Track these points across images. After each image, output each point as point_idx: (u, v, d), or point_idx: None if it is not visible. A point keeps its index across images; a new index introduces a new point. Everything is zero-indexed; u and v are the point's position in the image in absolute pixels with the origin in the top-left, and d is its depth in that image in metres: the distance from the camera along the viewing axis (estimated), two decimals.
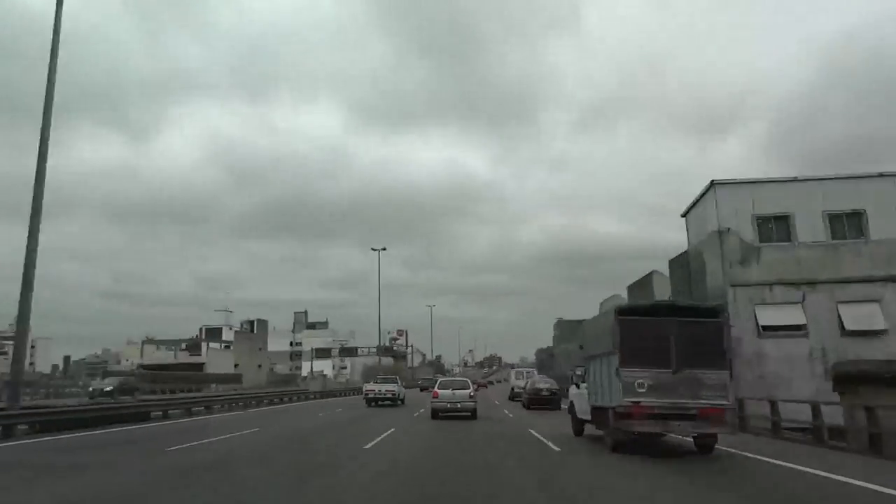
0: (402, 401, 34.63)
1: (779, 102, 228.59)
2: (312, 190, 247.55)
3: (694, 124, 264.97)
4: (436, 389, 22.39)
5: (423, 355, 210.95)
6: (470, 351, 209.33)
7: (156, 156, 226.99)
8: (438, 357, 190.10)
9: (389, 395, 33.44)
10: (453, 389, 22.10)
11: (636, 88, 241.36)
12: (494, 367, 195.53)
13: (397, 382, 36.06)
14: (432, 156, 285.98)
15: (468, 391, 22.06)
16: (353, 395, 51.96)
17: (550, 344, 77.09)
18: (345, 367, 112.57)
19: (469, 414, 21.55)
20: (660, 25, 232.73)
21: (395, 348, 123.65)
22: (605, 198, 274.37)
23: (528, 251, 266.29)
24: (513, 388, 42.17)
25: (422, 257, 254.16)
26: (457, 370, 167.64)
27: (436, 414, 21.60)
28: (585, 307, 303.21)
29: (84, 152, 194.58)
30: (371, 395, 33.44)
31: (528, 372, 45.93)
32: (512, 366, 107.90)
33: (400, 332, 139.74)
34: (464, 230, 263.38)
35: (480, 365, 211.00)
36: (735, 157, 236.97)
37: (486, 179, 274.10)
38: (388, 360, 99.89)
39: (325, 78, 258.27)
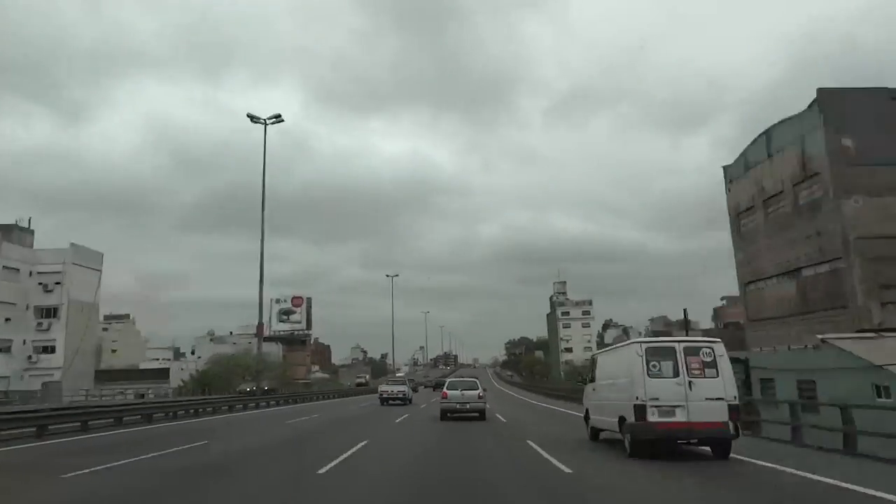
0: (411, 401, 38.06)
1: (750, 95, 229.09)
2: (266, 180, 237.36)
3: (667, 118, 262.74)
4: (445, 390, 22.45)
5: (364, 352, 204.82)
6: (420, 348, 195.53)
7: (94, 138, 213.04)
8: (384, 356, 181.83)
9: (400, 396, 36.96)
10: (462, 390, 21.94)
11: (612, 79, 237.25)
12: (450, 367, 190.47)
13: (406, 384, 40.81)
14: (396, 146, 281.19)
15: (477, 392, 21.89)
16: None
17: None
18: None
19: (477, 415, 21.50)
20: (641, 13, 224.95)
21: (293, 333, 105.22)
22: (570, 195, 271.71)
23: (488, 249, 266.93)
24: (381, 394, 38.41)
25: (379, 254, 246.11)
26: (404, 370, 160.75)
27: (444, 415, 21.55)
28: (542, 307, 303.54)
29: (14, 130, 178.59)
30: (385, 396, 37.19)
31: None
32: (472, 365, 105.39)
33: (297, 302, 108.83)
34: (424, 226, 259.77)
35: (435, 363, 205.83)
36: (703, 154, 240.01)
37: (452, 172, 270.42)
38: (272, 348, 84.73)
39: (287, 56, 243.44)
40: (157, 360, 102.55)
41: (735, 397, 10.43)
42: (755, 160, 33.90)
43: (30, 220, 63.36)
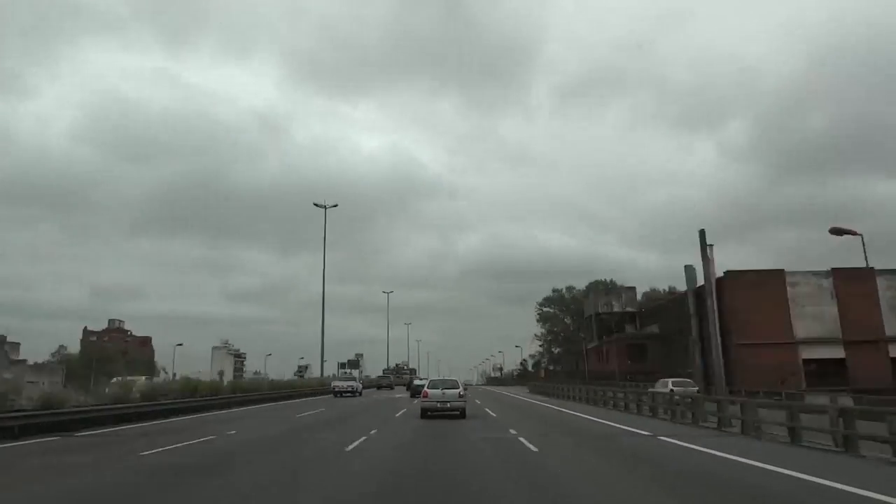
0: (360, 393, 48.73)
1: (763, 95, 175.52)
2: (226, 174, 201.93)
3: (677, 117, 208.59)
4: (426, 389, 22.97)
5: (305, 367, 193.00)
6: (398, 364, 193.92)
7: (24, 116, 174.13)
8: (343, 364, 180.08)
9: (350, 389, 47.57)
10: (443, 389, 22.39)
11: (630, 63, 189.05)
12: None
13: (356, 380, 53.47)
14: (377, 140, 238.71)
15: (457, 391, 22.44)
16: None
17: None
18: None
19: (458, 413, 21.86)
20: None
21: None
22: (560, 204, 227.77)
23: (465, 263, 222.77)
24: None
25: (350, 266, 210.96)
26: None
27: (425, 413, 22.02)
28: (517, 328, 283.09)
29: None
30: (338, 389, 47.43)
31: None
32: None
33: None
34: (400, 236, 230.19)
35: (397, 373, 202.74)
36: (710, 159, 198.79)
37: (436, 171, 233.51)
38: None
39: (262, 22, 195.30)
40: None
41: None
42: None
43: None
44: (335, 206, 55.11)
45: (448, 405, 21.60)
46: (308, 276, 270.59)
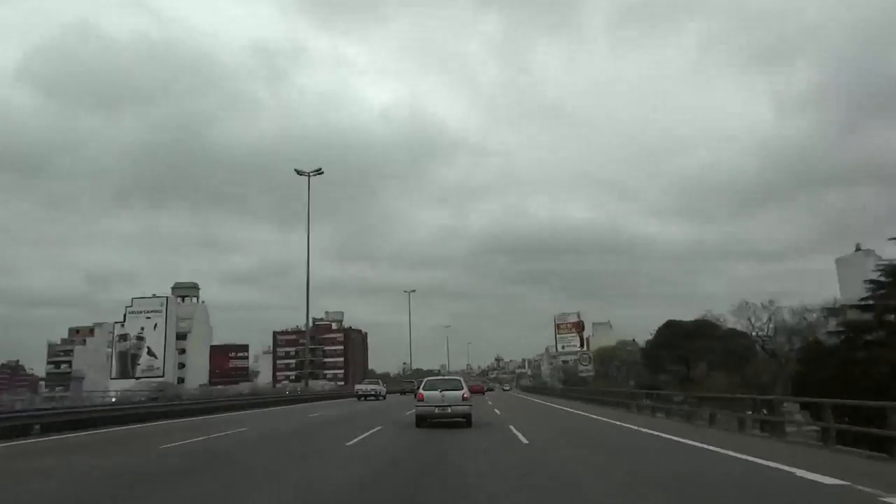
0: (384, 397, 48.29)
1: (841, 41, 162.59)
2: (214, 130, 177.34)
3: (737, 56, 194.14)
4: (420, 391, 18.67)
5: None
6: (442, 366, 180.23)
7: None
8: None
9: (373, 392, 47.67)
10: (442, 390, 18.09)
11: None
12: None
13: (378, 383, 52.35)
14: (389, 91, 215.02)
15: (461, 392, 18.06)
16: None
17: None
18: None
19: (463, 420, 17.94)
20: None
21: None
22: (591, 172, 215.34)
23: (478, 239, 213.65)
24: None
25: (353, 243, 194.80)
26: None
27: (422, 421, 17.88)
28: (535, 316, 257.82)
29: None
30: (360, 393, 48.43)
31: None
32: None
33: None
34: (410, 209, 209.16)
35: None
36: (767, 114, 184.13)
37: (457, 130, 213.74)
38: None
39: None
40: None
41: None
42: None
43: None
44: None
45: (449, 410, 17.81)
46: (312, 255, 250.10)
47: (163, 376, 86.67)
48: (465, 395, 18.11)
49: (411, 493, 7.93)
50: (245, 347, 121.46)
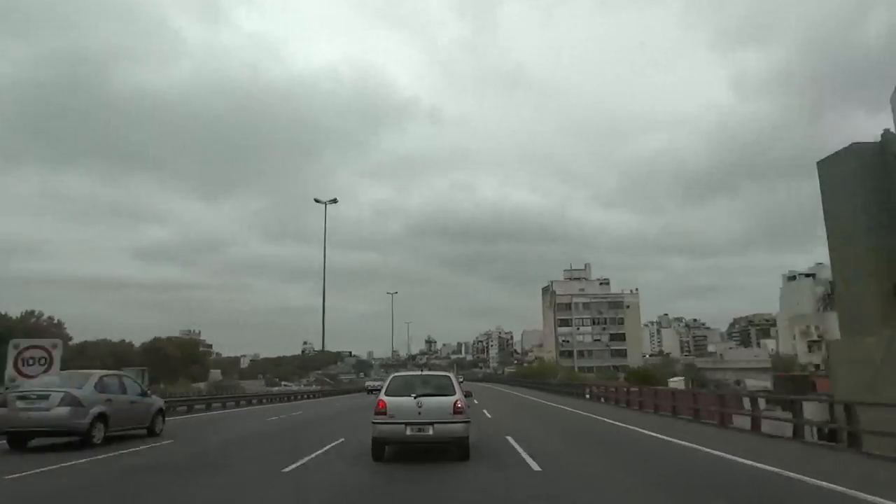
0: None
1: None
2: (120, 70, 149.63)
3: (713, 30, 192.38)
4: (382, 396, 10.83)
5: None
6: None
7: None
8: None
9: (378, 387, 44.69)
10: (418, 395, 10.64)
11: None
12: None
13: (383, 380, 48.78)
14: (338, 46, 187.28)
15: (451, 399, 10.73)
16: None
17: None
18: None
19: (453, 447, 10.86)
20: None
21: None
22: (539, 151, 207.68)
23: (416, 218, 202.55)
24: None
25: (284, 215, 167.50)
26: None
27: (382, 449, 10.80)
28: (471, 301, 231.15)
29: None
30: (370, 388, 47.00)
31: None
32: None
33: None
34: (348, 182, 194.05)
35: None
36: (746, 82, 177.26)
37: (409, 93, 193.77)
38: None
39: None
40: None
41: None
42: None
43: None
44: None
45: (431, 432, 10.45)
46: (235, 229, 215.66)
47: None
48: (459, 405, 10.68)
49: None
50: None
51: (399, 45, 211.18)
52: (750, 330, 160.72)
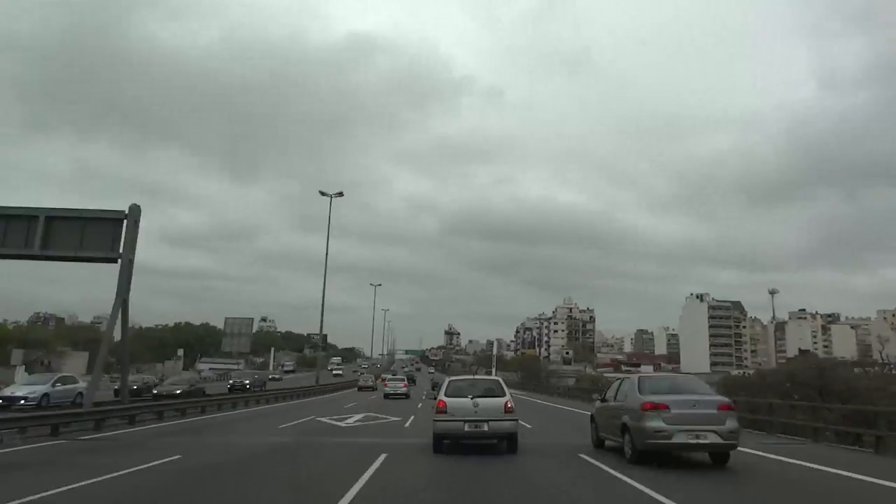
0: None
1: None
2: (135, 28, 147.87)
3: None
4: (441, 398, 13.04)
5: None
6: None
7: None
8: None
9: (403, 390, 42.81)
10: (474, 397, 12.77)
11: None
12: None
13: (403, 380, 47.57)
14: (382, 13, 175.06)
15: (502, 401, 12.93)
16: None
17: None
18: None
19: (504, 442, 13.14)
20: None
21: None
22: (596, 141, 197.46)
23: (447, 216, 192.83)
24: None
25: (308, 204, 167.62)
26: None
27: (441, 444, 12.83)
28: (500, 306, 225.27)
29: None
30: (388, 390, 43.51)
31: None
32: None
33: None
34: (386, 171, 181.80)
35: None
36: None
37: (465, 72, 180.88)
38: None
39: None
40: None
41: None
42: None
43: None
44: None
45: (486, 428, 12.60)
46: (264, 212, 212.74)
47: None
48: (509, 405, 12.96)
49: None
50: None
51: (455, 16, 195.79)
52: None
